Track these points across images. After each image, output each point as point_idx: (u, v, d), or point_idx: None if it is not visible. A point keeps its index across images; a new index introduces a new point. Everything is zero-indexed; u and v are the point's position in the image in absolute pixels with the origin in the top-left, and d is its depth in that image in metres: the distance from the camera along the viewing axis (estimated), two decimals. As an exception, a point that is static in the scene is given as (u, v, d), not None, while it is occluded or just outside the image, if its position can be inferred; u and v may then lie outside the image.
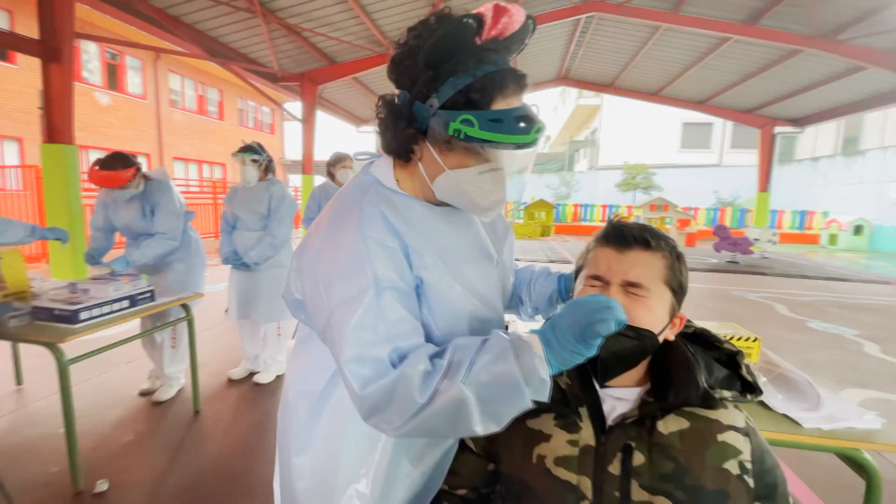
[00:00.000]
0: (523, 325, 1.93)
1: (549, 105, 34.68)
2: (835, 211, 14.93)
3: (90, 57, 11.49)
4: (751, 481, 0.61)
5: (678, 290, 0.66)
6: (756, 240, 10.41)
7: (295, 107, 11.25)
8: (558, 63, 11.83)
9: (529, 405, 0.58)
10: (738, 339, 1.43)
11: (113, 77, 12.13)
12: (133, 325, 2.86)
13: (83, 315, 1.85)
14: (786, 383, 1.27)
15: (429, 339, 0.72)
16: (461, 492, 0.77)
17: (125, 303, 2.05)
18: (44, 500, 1.77)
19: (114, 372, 3.00)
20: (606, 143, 22.44)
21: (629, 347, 0.63)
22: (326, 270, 0.69)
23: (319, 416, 0.77)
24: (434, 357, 0.63)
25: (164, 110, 13.59)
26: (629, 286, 0.64)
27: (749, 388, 0.66)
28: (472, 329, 0.76)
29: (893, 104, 8.81)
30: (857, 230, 13.52)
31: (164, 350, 2.71)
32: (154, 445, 2.18)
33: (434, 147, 0.69)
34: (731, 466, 0.61)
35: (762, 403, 1.18)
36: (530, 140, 0.65)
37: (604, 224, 0.75)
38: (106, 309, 1.95)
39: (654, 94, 12.29)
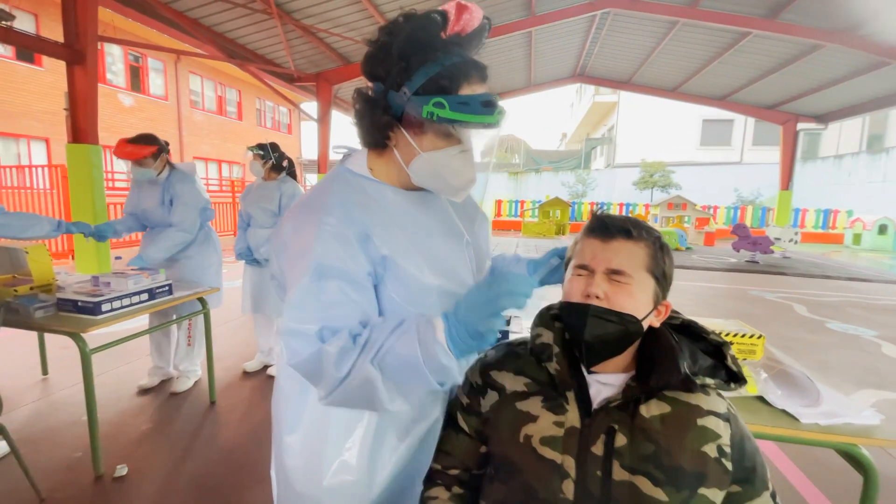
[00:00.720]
0: (528, 322, 1.95)
1: (565, 102, 34.33)
2: (859, 210, 14.50)
3: (114, 59, 11.84)
4: (729, 465, 0.63)
5: (661, 279, 0.68)
6: (777, 239, 10.17)
7: (311, 107, 11.41)
8: (574, 60, 11.73)
9: (435, 387, 0.65)
10: (743, 335, 1.42)
11: (136, 79, 12.47)
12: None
13: (105, 307, 1.93)
14: (786, 379, 1.27)
15: (396, 314, 0.73)
16: (454, 472, 0.80)
17: (144, 296, 2.14)
18: (66, 483, 1.86)
19: (134, 364, 3.11)
20: (624, 141, 22.16)
21: (613, 332, 0.66)
22: (288, 252, 0.76)
23: (307, 395, 0.81)
24: (357, 335, 0.69)
25: (185, 111, 13.91)
26: (612, 273, 0.67)
27: (734, 378, 0.68)
28: (442, 304, 0.78)
29: (922, 99, 8.53)
30: (882, 230, 13.09)
31: (179, 347, 2.80)
32: (171, 434, 2.27)
33: (409, 132, 0.75)
34: (710, 450, 0.63)
35: (762, 399, 1.19)
36: (494, 121, 0.73)
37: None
38: (126, 301, 2.04)
39: (673, 91, 12.10)
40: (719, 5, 7.38)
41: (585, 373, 0.70)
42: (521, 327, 1.82)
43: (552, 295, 0.81)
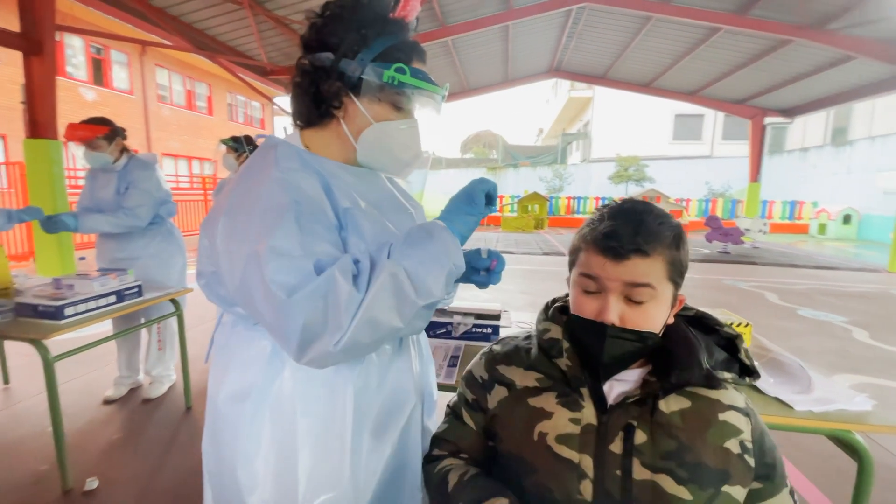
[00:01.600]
0: (515, 316, 1.92)
1: (541, 98, 34.64)
2: (824, 201, 15.09)
3: (74, 52, 11.27)
4: (751, 461, 0.61)
5: (679, 279, 0.65)
6: (747, 230, 10.50)
7: (286, 101, 11.14)
8: (550, 55, 11.78)
9: (450, 267, 0.66)
10: (730, 324, 1.43)
11: (98, 72, 11.91)
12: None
13: (68, 311, 1.81)
14: (778, 367, 1.27)
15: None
16: (463, 455, 0.76)
17: (112, 298, 2.02)
18: (32, 498, 1.74)
19: (102, 370, 2.95)
20: (599, 136, 22.44)
21: (631, 350, 0.63)
22: (244, 211, 0.68)
23: (262, 415, 0.72)
24: (356, 262, 0.67)
25: (152, 106, 13.39)
26: (631, 287, 0.61)
27: (747, 372, 0.66)
28: None
29: (881, 94, 8.85)
30: (846, 219, 13.68)
31: (150, 351, 2.67)
32: (144, 442, 2.16)
33: (361, 100, 0.75)
34: (732, 445, 0.60)
35: (754, 387, 1.18)
36: (443, 94, 0.79)
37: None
38: (92, 305, 1.92)
39: (646, 86, 12.28)
40: (691, 1, 7.51)
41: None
42: (510, 321, 1.80)
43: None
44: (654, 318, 0.63)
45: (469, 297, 4.85)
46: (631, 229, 0.61)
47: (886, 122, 14.36)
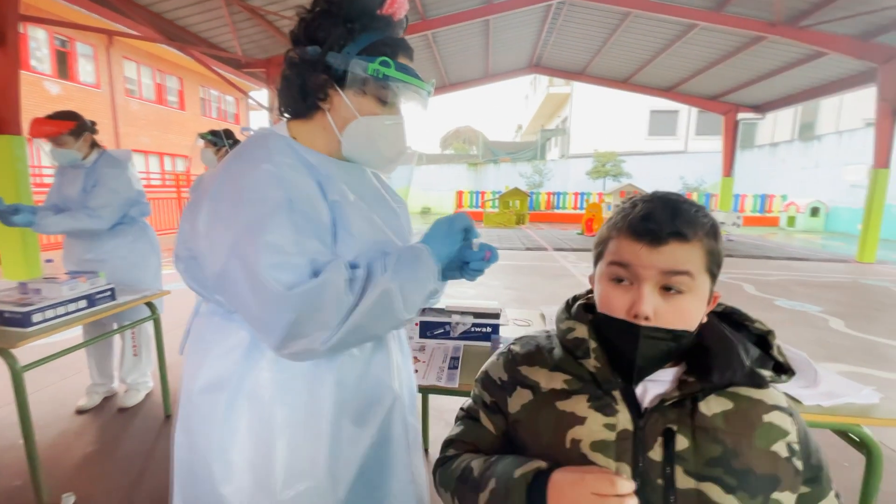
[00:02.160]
0: (510, 313, 1.89)
1: (520, 94, 34.78)
2: (793, 194, 15.59)
3: (38, 44, 10.73)
4: (799, 464, 0.57)
5: (717, 272, 0.61)
6: (721, 223, 10.71)
7: (262, 95, 10.87)
8: (530, 50, 11.80)
9: (432, 288, 0.74)
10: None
11: (63, 65, 11.37)
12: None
13: (36, 317, 1.69)
14: (781, 361, 1.27)
15: (351, 264, 0.74)
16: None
17: (82, 303, 1.89)
18: (1, 519, 1.63)
19: (73, 378, 2.80)
20: (577, 132, 22.66)
21: (666, 350, 0.59)
22: (231, 199, 0.68)
23: (238, 407, 0.72)
24: (351, 267, 0.70)
25: (120, 100, 12.86)
26: (668, 275, 0.57)
27: (781, 369, 0.62)
28: None
29: (848, 90, 9.15)
30: (814, 212, 14.18)
31: (124, 358, 2.54)
32: (122, 454, 2.05)
33: (346, 93, 0.76)
34: (780, 449, 0.57)
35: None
36: (428, 90, 0.80)
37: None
38: (61, 310, 1.80)
39: (624, 82, 12.43)
40: (669, -3, 7.61)
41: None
42: (507, 319, 1.76)
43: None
44: (691, 313, 0.58)
45: (454, 294, 4.81)
46: (669, 213, 0.57)
47: (852, 118, 14.93)
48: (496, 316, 1.49)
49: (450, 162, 23.65)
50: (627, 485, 0.49)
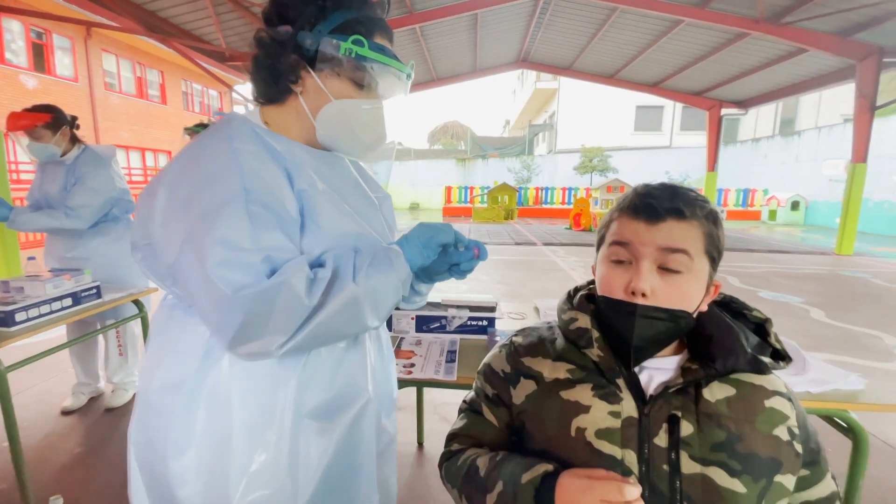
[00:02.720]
0: (505, 307, 1.90)
1: (507, 89, 34.82)
2: (774, 188, 15.91)
3: (13, 37, 10.36)
4: (799, 447, 0.59)
5: (717, 258, 0.62)
6: (706, 217, 10.94)
7: (246, 89, 10.68)
8: (518, 45, 11.80)
9: (400, 298, 0.71)
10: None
11: (39, 58, 11.01)
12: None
13: (19, 316, 1.64)
14: (771, 350, 1.30)
15: (316, 261, 0.70)
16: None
17: (68, 301, 1.85)
18: (-14, 523, 1.59)
19: (57, 379, 2.74)
20: (564, 127, 22.78)
21: (663, 331, 0.59)
22: (187, 186, 0.64)
23: (196, 406, 0.68)
24: (314, 267, 0.66)
25: (99, 93, 12.52)
26: (663, 257, 0.58)
27: (779, 356, 0.63)
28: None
29: (828, 86, 9.36)
30: (794, 206, 14.50)
31: (110, 358, 2.49)
32: (110, 455, 2.01)
33: (319, 75, 0.72)
34: (781, 433, 0.58)
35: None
36: (408, 72, 0.76)
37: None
38: (45, 309, 1.75)
39: (610, 78, 12.52)
40: (655, -7, 7.67)
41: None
42: (502, 312, 1.77)
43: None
44: (689, 294, 0.59)
45: (447, 289, 4.82)
46: (668, 193, 0.61)
47: (831, 114, 15.26)
48: (492, 309, 1.49)
49: (438, 157, 23.60)
50: (634, 490, 0.50)
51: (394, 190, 21.16)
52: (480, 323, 1.48)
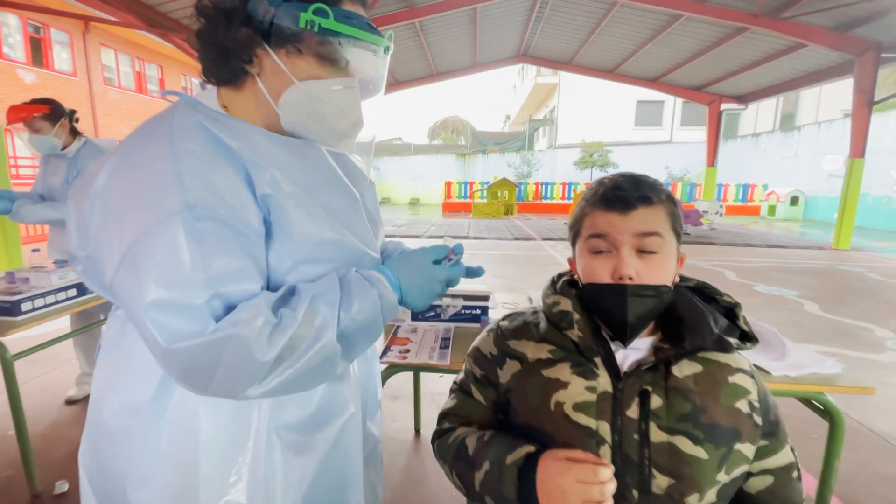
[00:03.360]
0: (499, 297, 1.94)
1: (508, 83, 34.71)
2: (773, 183, 15.93)
3: (11, 31, 10.36)
4: (759, 419, 0.64)
5: (680, 232, 0.67)
6: (705, 212, 10.98)
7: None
8: (518, 40, 11.78)
9: (378, 336, 0.66)
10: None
11: (37, 53, 11.00)
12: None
13: (25, 306, 1.69)
14: (754, 337, 1.34)
15: (285, 277, 0.61)
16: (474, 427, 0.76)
17: (72, 291, 1.89)
18: (-3, 505, 1.64)
19: (60, 370, 2.79)
20: (564, 122, 22.75)
21: (652, 307, 0.64)
22: (119, 196, 0.54)
23: (157, 431, 0.59)
24: (280, 307, 0.56)
25: (98, 88, 12.52)
26: (641, 242, 0.63)
27: (746, 338, 0.69)
28: (345, 264, 0.66)
29: (827, 81, 9.36)
30: (794, 201, 14.52)
31: None
32: (116, 441, 2.06)
33: (278, 53, 0.60)
34: (742, 406, 0.64)
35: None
36: (384, 46, 0.65)
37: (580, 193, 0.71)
38: (51, 299, 1.80)
39: (610, 72, 12.50)
40: (654, -13, 7.65)
41: (609, 340, 0.68)
42: (495, 302, 1.81)
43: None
44: (667, 269, 0.65)
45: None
46: (633, 183, 0.65)
47: (831, 109, 15.25)
48: (485, 298, 1.54)
49: (438, 152, 23.58)
50: (607, 471, 0.55)
51: (393, 185, 21.19)
52: (474, 312, 1.52)
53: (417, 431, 2.18)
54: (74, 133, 2.30)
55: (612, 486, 0.54)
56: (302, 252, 0.61)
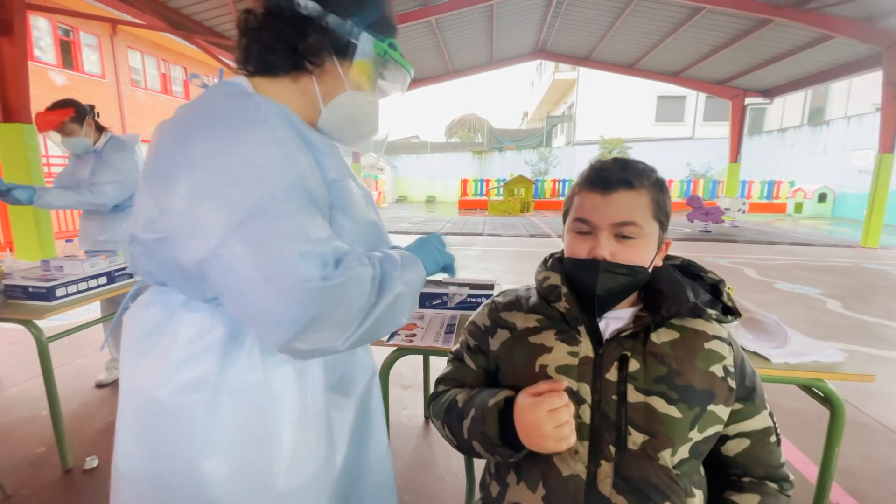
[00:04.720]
0: (506, 285, 1.97)
1: (525, 80, 34.40)
2: (800, 180, 15.45)
3: (41, 34, 10.79)
4: (733, 383, 0.68)
5: (664, 221, 0.71)
6: (727, 209, 10.73)
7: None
8: (535, 36, 11.70)
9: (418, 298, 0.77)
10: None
11: (67, 55, 11.44)
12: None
13: (59, 292, 1.79)
14: (756, 325, 1.35)
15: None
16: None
17: (103, 279, 2.00)
18: (32, 478, 1.75)
19: (90, 356, 2.93)
20: (583, 118, 22.49)
21: (623, 284, 0.69)
22: (225, 173, 0.57)
23: (220, 404, 0.64)
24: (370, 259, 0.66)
25: (125, 90, 12.95)
26: (618, 228, 0.68)
27: (729, 312, 0.73)
28: (376, 245, 0.75)
29: (857, 73, 9.04)
30: (822, 198, 14.07)
31: None
32: (141, 422, 2.17)
33: (342, 63, 0.70)
34: (717, 370, 0.68)
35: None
36: (412, 73, 0.80)
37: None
38: (83, 286, 1.90)
39: (630, 67, 12.31)
40: (674, -20, 7.52)
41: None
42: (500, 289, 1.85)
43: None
44: (643, 253, 0.69)
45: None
46: (619, 166, 0.70)
47: (862, 102, 14.70)
48: (490, 287, 1.58)
49: (455, 150, 23.61)
50: (565, 395, 0.61)
51: (410, 183, 21.31)
52: (479, 300, 1.56)
53: (427, 418, 2.23)
54: (100, 128, 2.42)
55: (571, 408, 0.61)
56: (356, 233, 0.70)
